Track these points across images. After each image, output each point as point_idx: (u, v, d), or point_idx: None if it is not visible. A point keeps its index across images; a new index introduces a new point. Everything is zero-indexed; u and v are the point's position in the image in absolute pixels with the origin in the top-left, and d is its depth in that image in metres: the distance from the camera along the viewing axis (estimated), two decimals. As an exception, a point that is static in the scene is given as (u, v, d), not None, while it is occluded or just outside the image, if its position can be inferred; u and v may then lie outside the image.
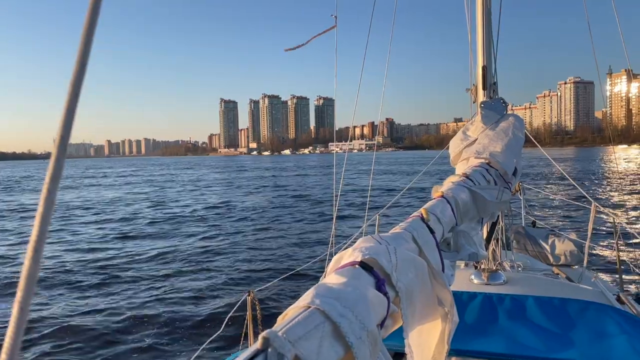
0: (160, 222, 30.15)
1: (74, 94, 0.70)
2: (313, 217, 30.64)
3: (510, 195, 3.54)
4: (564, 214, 25.19)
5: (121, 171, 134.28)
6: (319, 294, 1.25)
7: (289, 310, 1.21)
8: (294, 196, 44.49)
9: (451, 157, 4.33)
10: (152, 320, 12.67)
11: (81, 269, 18.13)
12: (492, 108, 4.55)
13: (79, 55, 0.71)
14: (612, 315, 3.68)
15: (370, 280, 1.46)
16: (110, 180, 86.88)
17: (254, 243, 22.85)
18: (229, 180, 76.15)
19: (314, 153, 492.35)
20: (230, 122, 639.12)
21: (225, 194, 50.74)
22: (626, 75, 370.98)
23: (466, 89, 5.46)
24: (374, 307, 1.35)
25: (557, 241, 6.71)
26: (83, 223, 30.62)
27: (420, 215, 2.18)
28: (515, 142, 4.11)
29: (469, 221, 2.85)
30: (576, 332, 3.49)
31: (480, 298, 4.02)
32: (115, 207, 40.55)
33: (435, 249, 2.01)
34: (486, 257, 4.31)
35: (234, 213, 34.15)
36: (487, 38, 5.23)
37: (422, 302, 1.78)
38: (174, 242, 23.50)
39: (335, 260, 1.64)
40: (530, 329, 3.57)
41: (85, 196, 52.59)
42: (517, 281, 4.66)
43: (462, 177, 3.15)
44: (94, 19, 0.72)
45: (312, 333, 1.11)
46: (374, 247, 1.62)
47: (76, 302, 14.33)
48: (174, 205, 41.39)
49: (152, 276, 17.18)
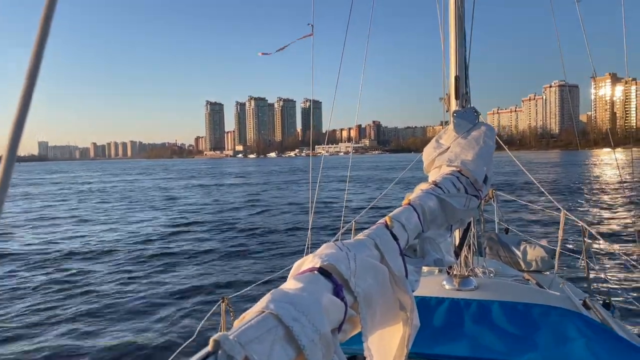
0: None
1: (26, 97, 0.68)
2: (290, 224, 30.28)
3: (477, 203, 3.59)
4: (537, 221, 25.33)
5: (73, 177, 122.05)
6: (274, 299, 1.28)
7: (246, 315, 1.24)
8: (259, 212, 38.39)
9: (424, 165, 4.36)
10: (123, 327, 12.57)
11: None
12: (464, 117, 4.60)
13: (33, 56, 0.70)
14: (573, 320, 3.78)
15: (328, 286, 1.49)
16: (39, 190, 71.80)
17: (229, 250, 22.67)
18: (168, 195, 58.11)
19: (300, 156, 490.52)
20: (216, 124, 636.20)
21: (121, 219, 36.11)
22: (610, 79, 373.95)
23: (439, 98, 5.53)
24: (329, 312, 1.39)
25: (529, 248, 6.78)
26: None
27: (385, 222, 2.21)
28: (486, 151, 4.15)
29: (437, 228, 2.88)
30: (538, 335, 3.58)
31: (447, 303, 4.11)
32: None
33: (398, 255, 2.04)
34: (454, 263, 4.35)
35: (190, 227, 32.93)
36: (460, 49, 5.29)
37: (383, 306, 1.81)
38: (142, 246, 23.31)
39: (296, 266, 1.67)
40: (495, 332, 3.65)
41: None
42: (488, 287, 4.71)
43: (432, 185, 3.19)
44: (49, 18, 0.70)
45: (264, 336, 1.14)
46: (334, 254, 1.65)
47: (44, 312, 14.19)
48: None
49: (122, 283, 17.01)
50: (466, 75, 5.38)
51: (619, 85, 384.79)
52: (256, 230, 28.42)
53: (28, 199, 56.90)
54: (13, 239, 26.93)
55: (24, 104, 0.70)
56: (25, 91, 0.70)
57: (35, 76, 0.71)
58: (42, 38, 0.71)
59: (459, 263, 4.84)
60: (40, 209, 44.45)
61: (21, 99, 0.70)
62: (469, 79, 5.39)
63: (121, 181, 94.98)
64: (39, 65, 0.71)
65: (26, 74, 0.71)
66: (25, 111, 0.69)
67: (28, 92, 0.70)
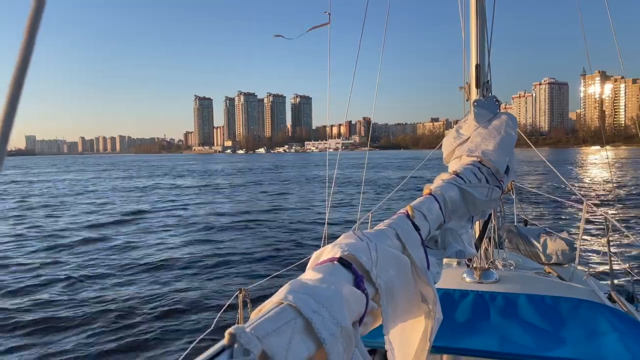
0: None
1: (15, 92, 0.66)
2: (305, 216, 30.54)
3: (500, 194, 3.53)
4: (556, 213, 25.40)
5: (22, 172, 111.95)
6: (292, 289, 1.24)
7: (263, 306, 1.20)
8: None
9: (444, 155, 4.34)
10: (141, 320, 12.68)
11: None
12: (485, 106, 4.55)
13: (22, 50, 0.68)
14: (604, 313, 3.71)
15: (349, 277, 1.45)
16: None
17: (246, 242, 22.86)
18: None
19: (289, 152, 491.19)
20: (205, 119, 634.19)
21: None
22: (599, 77, 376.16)
23: (459, 87, 5.49)
24: (350, 304, 1.35)
25: (549, 240, 6.74)
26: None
27: (406, 212, 2.18)
28: (508, 141, 4.11)
29: (459, 219, 2.86)
30: (568, 330, 3.51)
31: (472, 296, 4.06)
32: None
33: (420, 246, 2.01)
34: (475, 255, 4.31)
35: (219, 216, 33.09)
36: (481, 36, 5.24)
37: (404, 298, 1.78)
38: (165, 243, 23.37)
39: (315, 256, 1.63)
40: (522, 326, 3.59)
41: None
42: (509, 279, 4.67)
43: (453, 175, 3.15)
44: (39, 12, 0.68)
45: (282, 329, 1.10)
46: (354, 244, 1.61)
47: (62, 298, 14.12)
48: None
49: (140, 278, 17.08)
50: (488, 63, 5.31)
51: (608, 83, 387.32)
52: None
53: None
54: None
55: (12, 98, 0.68)
56: (14, 86, 0.68)
57: (24, 70, 0.70)
58: (31, 31, 0.69)
59: (479, 255, 4.79)
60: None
61: (9, 94, 0.68)
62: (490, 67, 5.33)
63: (58, 180, 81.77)
64: (29, 59, 0.69)
65: (15, 68, 0.69)
66: (14, 106, 0.68)
67: (17, 87, 0.68)
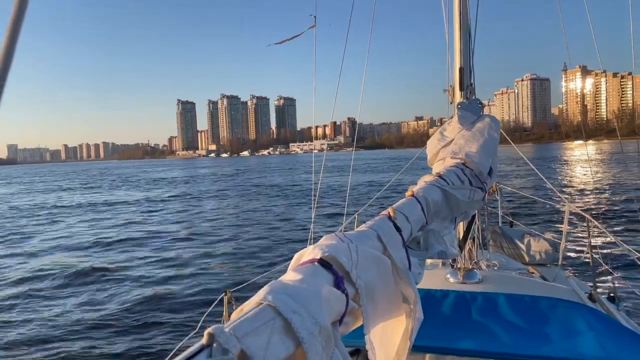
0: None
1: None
2: (291, 217, 30.65)
3: (483, 195, 3.55)
4: (541, 214, 25.58)
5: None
6: (272, 290, 1.26)
7: (244, 306, 1.22)
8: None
9: (428, 157, 4.36)
10: (126, 323, 12.65)
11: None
12: (468, 109, 4.60)
13: (2, 55, 0.67)
14: (582, 312, 3.77)
15: (329, 277, 1.47)
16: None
17: (231, 244, 22.94)
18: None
19: (274, 154, 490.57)
20: (189, 123, 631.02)
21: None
22: (580, 72, 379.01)
23: (443, 90, 5.54)
24: (329, 304, 1.37)
25: (533, 241, 6.83)
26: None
27: (388, 214, 2.19)
28: (491, 143, 4.15)
29: (441, 220, 2.88)
30: (546, 328, 3.56)
31: (453, 296, 4.10)
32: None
33: (401, 247, 2.03)
34: (457, 256, 4.35)
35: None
36: (465, 40, 5.29)
37: (385, 299, 1.80)
38: (148, 245, 23.36)
39: (296, 257, 1.64)
40: (501, 326, 3.63)
41: None
42: (492, 280, 4.72)
43: (436, 177, 3.17)
44: (20, 17, 0.68)
45: (261, 329, 1.12)
46: (334, 245, 1.63)
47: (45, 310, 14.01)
48: None
49: (125, 279, 17.12)
50: (471, 67, 5.35)
51: (589, 78, 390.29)
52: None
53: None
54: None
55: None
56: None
57: (4, 78, 0.68)
58: (12, 37, 0.68)
59: (463, 256, 4.84)
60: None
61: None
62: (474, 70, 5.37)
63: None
64: (10, 65, 0.68)
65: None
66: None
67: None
